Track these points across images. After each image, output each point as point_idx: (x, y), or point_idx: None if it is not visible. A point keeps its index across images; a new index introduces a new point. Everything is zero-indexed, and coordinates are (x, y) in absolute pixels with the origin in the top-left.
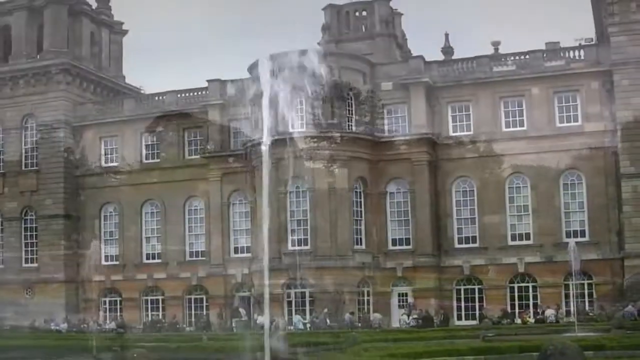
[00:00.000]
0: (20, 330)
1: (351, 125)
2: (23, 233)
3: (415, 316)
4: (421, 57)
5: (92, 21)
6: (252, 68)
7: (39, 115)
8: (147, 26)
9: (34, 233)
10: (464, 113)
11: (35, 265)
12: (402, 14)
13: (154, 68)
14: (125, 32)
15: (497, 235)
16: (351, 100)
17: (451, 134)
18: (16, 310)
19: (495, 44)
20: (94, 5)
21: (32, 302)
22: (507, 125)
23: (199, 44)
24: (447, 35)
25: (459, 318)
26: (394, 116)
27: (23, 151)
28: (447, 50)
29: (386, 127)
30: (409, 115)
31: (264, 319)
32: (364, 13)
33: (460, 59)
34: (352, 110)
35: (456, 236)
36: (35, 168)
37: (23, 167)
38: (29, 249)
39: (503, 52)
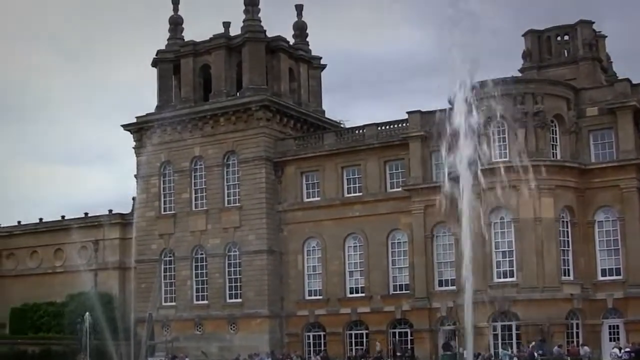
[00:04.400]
0: None
1: (556, 153)
2: (226, 269)
3: (627, 349)
4: (628, 80)
5: (290, 57)
6: (453, 98)
7: (240, 152)
8: (345, 60)
9: (238, 269)
10: None
11: (239, 300)
12: (606, 36)
13: (354, 102)
14: (323, 66)
15: None
16: (555, 127)
17: None
18: (221, 345)
19: None
20: (292, 41)
21: (236, 337)
22: None
23: (399, 76)
24: None
25: None
26: (601, 142)
27: (225, 188)
28: None
29: (592, 154)
30: (617, 141)
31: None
32: (566, 37)
33: None
34: (556, 138)
35: None
36: (237, 204)
37: (225, 204)
38: (233, 284)
39: None
